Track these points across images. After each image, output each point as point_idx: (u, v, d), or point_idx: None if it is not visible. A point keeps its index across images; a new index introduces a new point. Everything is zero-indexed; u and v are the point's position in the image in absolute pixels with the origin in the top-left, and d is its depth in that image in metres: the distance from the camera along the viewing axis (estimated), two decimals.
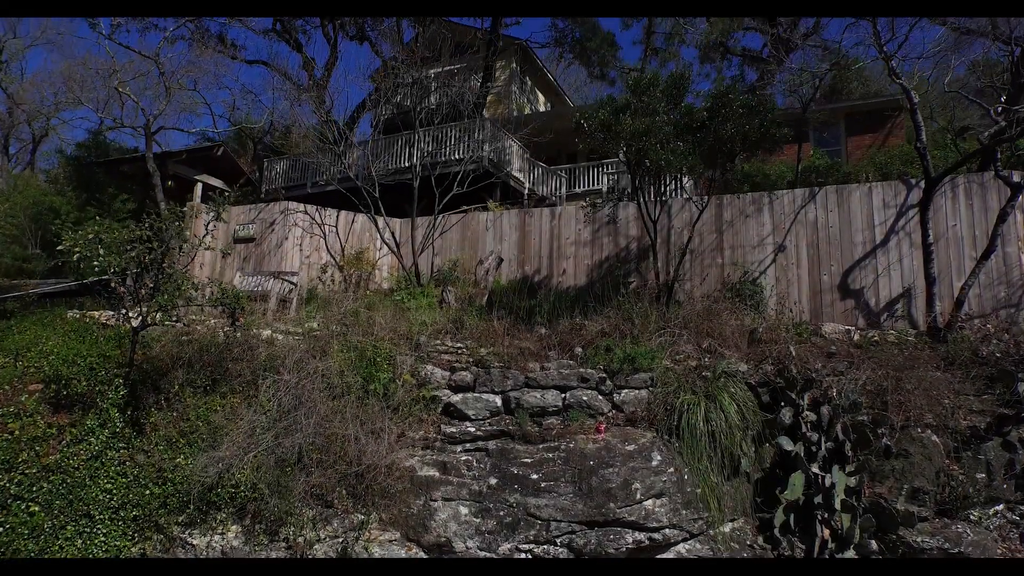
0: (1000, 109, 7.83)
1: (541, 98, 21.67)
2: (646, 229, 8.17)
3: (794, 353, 6.26)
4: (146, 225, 5.15)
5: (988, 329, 7.01)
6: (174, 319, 5.85)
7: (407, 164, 15.09)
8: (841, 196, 8.76)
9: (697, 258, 9.19)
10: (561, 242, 10.09)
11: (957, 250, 8.11)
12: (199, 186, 11.11)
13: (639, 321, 7.53)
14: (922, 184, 8.04)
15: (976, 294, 7.77)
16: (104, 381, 6.04)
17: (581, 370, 6.27)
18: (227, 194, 10.43)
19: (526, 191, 15.68)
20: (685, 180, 9.66)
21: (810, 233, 8.80)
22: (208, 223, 5.77)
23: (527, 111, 20.33)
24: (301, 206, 10.70)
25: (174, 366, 6.24)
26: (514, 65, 19.34)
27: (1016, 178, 7.48)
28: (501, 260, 9.95)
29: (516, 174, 15.54)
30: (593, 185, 16.79)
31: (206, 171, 11.26)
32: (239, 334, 5.84)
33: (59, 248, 4.86)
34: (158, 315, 5.14)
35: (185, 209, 5.38)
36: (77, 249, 4.69)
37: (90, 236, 4.75)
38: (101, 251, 4.72)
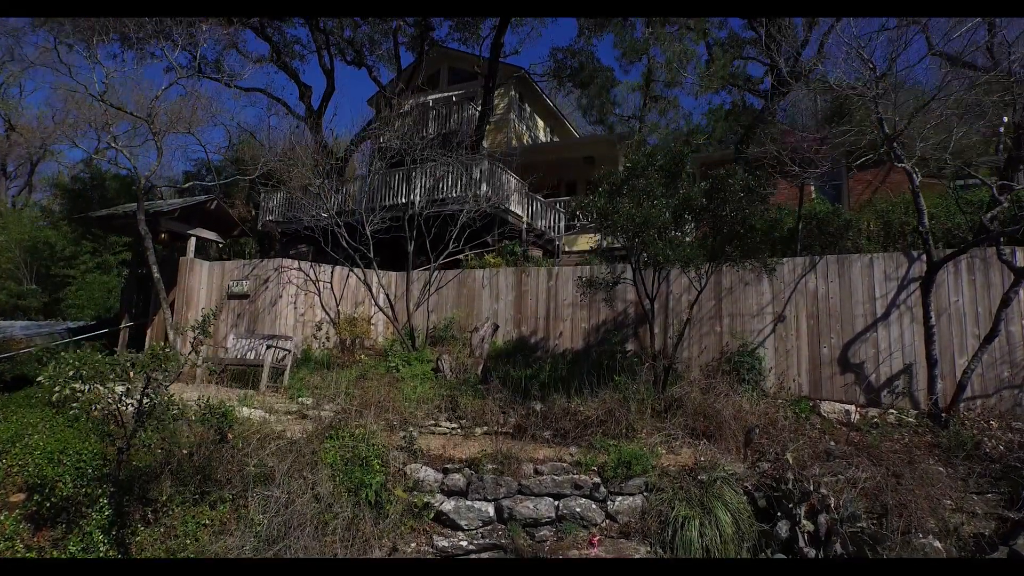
0: (1001, 185, 7.70)
1: (541, 124, 21.51)
2: (643, 306, 8.05)
3: (791, 461, 6.14)
4: (128, 363, 5.04)
5: (991, 425, 6.88)
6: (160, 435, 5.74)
7: (403, 200, 14.99)
8: (842, 266, 8.63)
9: (695, 325, 9.08)
10: (558, 303, 9.98)
11: (959, 327, 7.98)
12: (192, 240, 11.01)
13: (635, 406, 7.44)
14: (923, 258, 7.93)
15: (979, 373, 7.65)
16: (92, 481, 5.96)
17: (575, 476, 6.18)
18: (221, 244, 10.32)
19: (524, 225, 15.55)
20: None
21: (810, 303, 8.68)
22: (194, 338, 5.65)
23: (526, 138, 20.18)
24: (295, 263, 10.59)
25: (162, 470, 6.15)
26: (513, 92, 19.17)
27: (1020, 262, 7.35)
28: (496, 327, 9.85)
29: (514, 209, 15.40)
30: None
31: (200, 224, 11.15)
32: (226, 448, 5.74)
33: (38, 379, 4.74)
34: (143, 439, 5.04)
35: (168, 350, 5.23)
36: (56, 389, 4.59)
37: (70, 373, 4.65)
38: (80, 388, 4.62)
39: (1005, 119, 8.14)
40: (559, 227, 16.39)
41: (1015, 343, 7.66)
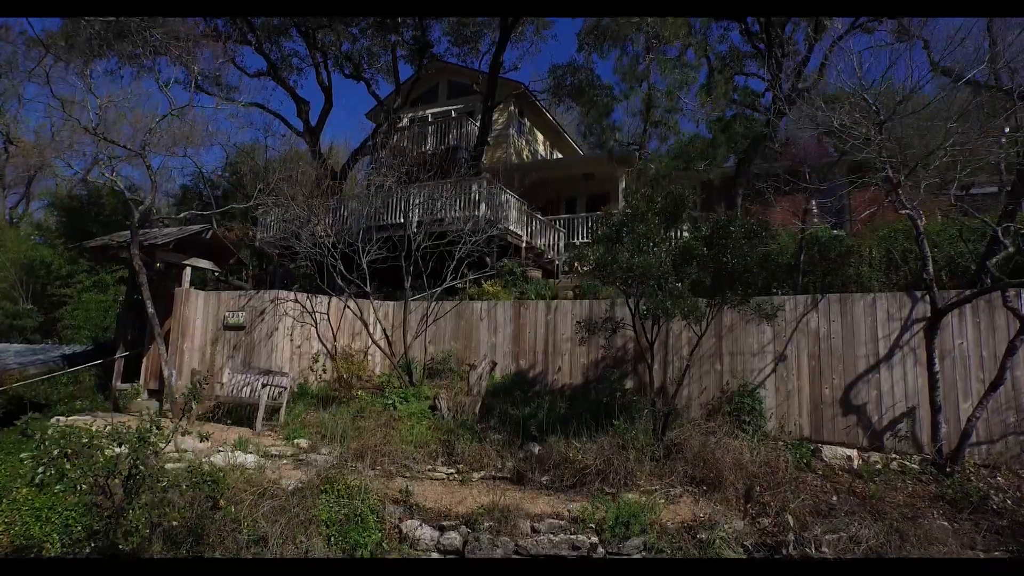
0: (1006, 228, 7.59)
1: (540, 137, 21.37)
2: (642, 351, 7.94)
3: (792, 522, 6.04)
4: (116, 441, 4.93)
5: (999, 481, 6.77)
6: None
7: (401, 220, 14.88)
8: (844, 305, 8.51)
9: (695, 363, 8.96)
10: (557, 337, 9.87)
11: (964, 369, 7.86)
12: (188, 270, 10.89)
13: (634, 454, 7.34)
14: (927, 298, 7.82)
15: (984, 419, 7.53)
16: (80, 540, 5.86)
17: (572, 537, 6.08)
18: (218, 273, 10.21)
19: (523, 244, 15.43)
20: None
21: (811, 343, 8.56)
22: (184, 412, 5.55)
23: (525, 153, 20.05)
24: (291, 295, 10.49)
25: (153, 531, 6.05)
26: (512, 108, 19.03)
27: None
28: (494, 364, 9.74)
29: (513, 228, 15.27)
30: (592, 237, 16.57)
31: (196, 254, 11.03)
32: (220, 514, 5.63)
33: (22, 458, 4.63)
34: (132, 518, 4.93)
35: (154, 433, 5.12)
36: (40, 471, 4.48)
37: (54, 451, 4.54)
38: (68, 466, 4.52)
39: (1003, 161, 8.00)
40: (559, 246, 16.28)
41: (1021, 388, 7.54)
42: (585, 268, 7.22)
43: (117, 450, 5.03)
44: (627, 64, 11.06)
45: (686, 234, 10.86)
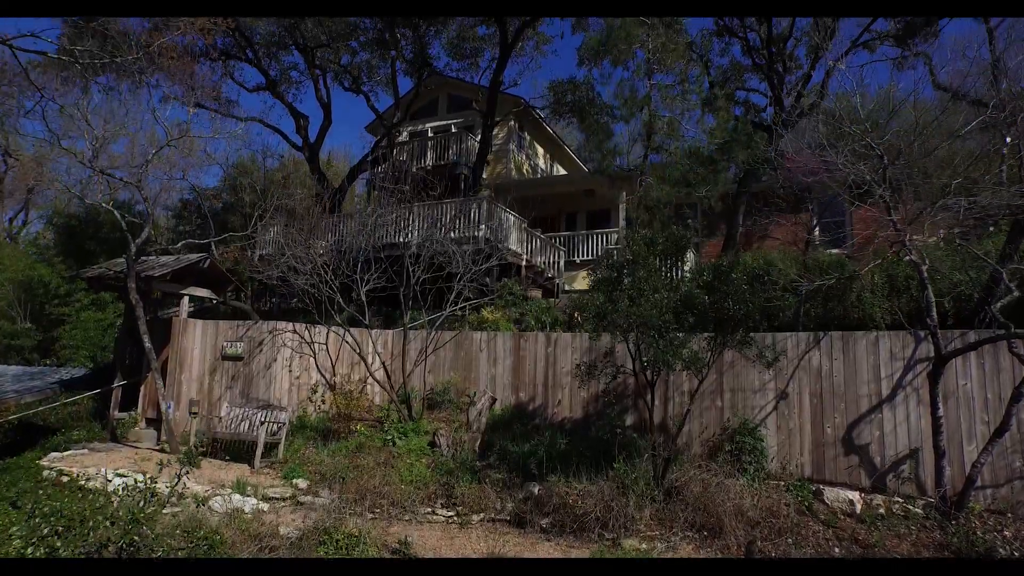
0: (1012, 272, 7.51)
1: (540, 151, 21.29)
2: (642, 388, 7.86)
3: None
4: (108, 510, 4.86)
5: (1005, 535, 6.69)
6: None
7: (401, 239, 14.82)
8: (847, 343, 8.44)
9: (696, 400, 8.87)
10: (557, 371, 9.80)
11: (967, 411, 7.79)
12: (186, 299, 10.83)
13: (634, 499, 7.27)
14: (931, 338, 7.74)
15: (989, 463, 7.46)
16: None
17: None
18: (216, 301, 10.14)
19: (524, 263, 15.36)
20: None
21: (813, 381, 8.49)
22: (177, 479, 5.48)
23: (525, 168, 19.97)
24: (290, 325, 10.42)
25: None
26: (512, 123, 18.94)
27: None
28: (494, 400, 9.68)
29: (513, 247, 15.20)
30: (593, 255, 16.48)
31: (193, 283, 10.97)
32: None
33: (12, 539, 4.54)
34: None
35: (148, 502, 5.05)
36: (30, 550, 4.40)
37: (44, 530, 4.46)
38: (58, 543, 4.45)
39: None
40: (559, 265, 16.20)
41: None
42: (585, 317, 7.13)
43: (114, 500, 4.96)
44: (627, 92, 10.98)
45: (688, 270, 10.78)
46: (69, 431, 10.43)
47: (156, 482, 5.38)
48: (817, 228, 15.99)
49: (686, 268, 14.07)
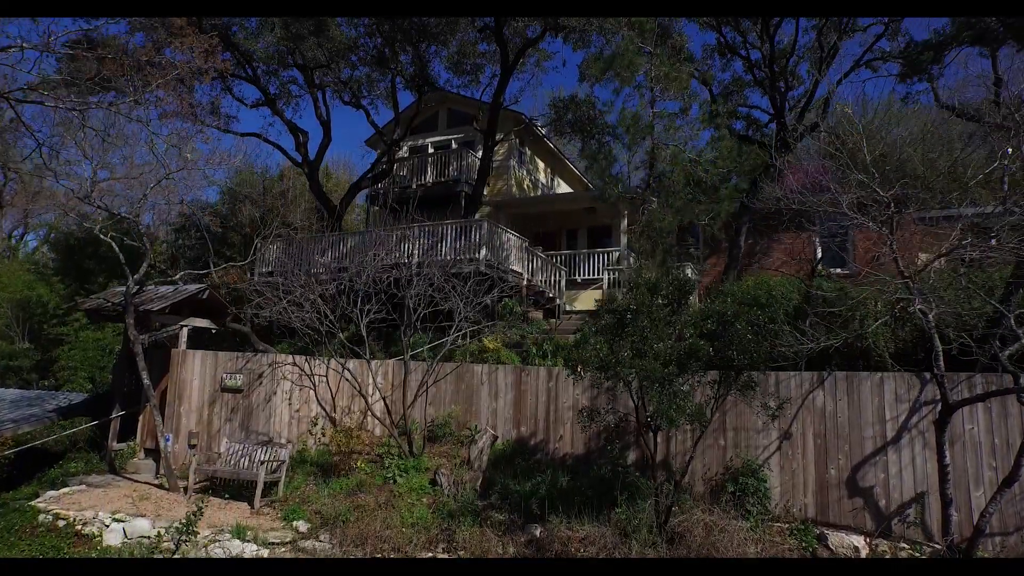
0: (1019, 316, 7.43)
1: (541, 165, 21.20)
2: (643, 433, 7.79)
3: None
4: None
5: None
6: None
7: (403, 260, 14.74)
8: (851, 384, 8.36)
9: (699, 440, 8.81)
10: (559, 405, 9.72)
11: (974, 455, 7.71)
12: (184, 330, 10.76)
13: (636, 547, 7.21)
14: (935, 382, 7.66)
15: (997, 509, 7.38)
16: None
17: None
18: (215, 331, 10.04)
19: (524, 283, 15.28)
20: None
21: (817, 422, 8.42)
22: (176, 546, 5.41)
23: (526, 183, 19.88)
24: (290, 358, 10.36)
25: None
26: (513, 138, 18.84)
27: None
28: (496, 438, 9.60)
29: (514, 267, 15.13)
30: (594, 274, 16.39)
31: (192, 314, 10.91)
32: None
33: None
34: None
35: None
36: None
37: None
38: None
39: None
40: (560, 285, 16.11)
41: None
42: (587, 372, 7.07)
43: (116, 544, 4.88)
44: (630, 120, 10.88)
45: (691, 301, 10.72)
46: (67, 463, 10.36)
47: (156, 530, 5.30)
48: (819, 249, 15.94)
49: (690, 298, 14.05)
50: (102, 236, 10.05)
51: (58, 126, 9.61)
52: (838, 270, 15.87)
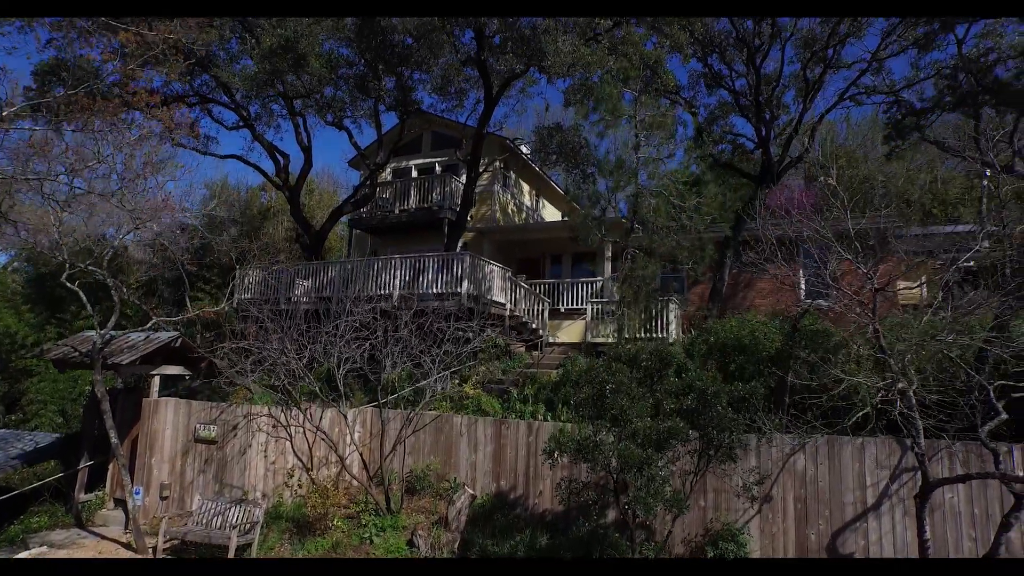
0: (1002, 386, 7.41)
1: (526, 188, 21.04)
2: (625, 488, 7.66)
3: None
4: None
5: None
6: None
7: (382, 292, 14.52)
8: (832, 448, 8.30)
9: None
10: (538, 461, 9.57)
11: (954, 524, 7.69)
12: (157, 379, 10.47)
13: None
14: (916, 450, 7.61)
15: None
16: None
17: None
18: (189, 376, 9.77)
19: (507, 313, 15.11)
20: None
21: (798, 486, 8.35)
22: None
23: (511, 207, 19.72)
24: (265, 409, 10.11)
25: None
26: (497, 163, 18.65)
27: (1019, 462, 7.08)
28: (474, 497, 9.44)
29: (497, 298, 14.95)
30: (578, 303, 16.26)
31: (164, 362, 10.61)
32: None
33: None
34: None
35: None
36: None
37: None
38: None
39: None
40: (543, 315, 15.97)
41: (1014, 551, 7.38)
42: (565, 458, 6.94)
43: None
44: (614, 161, 10.76)
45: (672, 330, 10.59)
46: (29, 517, 10.02)
47: None
48: (803, 280, 15.92)
49: (671, 328, 13.95)
50: (69, 285, 9.72)
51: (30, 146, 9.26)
52: (823, 303, 15.91)
